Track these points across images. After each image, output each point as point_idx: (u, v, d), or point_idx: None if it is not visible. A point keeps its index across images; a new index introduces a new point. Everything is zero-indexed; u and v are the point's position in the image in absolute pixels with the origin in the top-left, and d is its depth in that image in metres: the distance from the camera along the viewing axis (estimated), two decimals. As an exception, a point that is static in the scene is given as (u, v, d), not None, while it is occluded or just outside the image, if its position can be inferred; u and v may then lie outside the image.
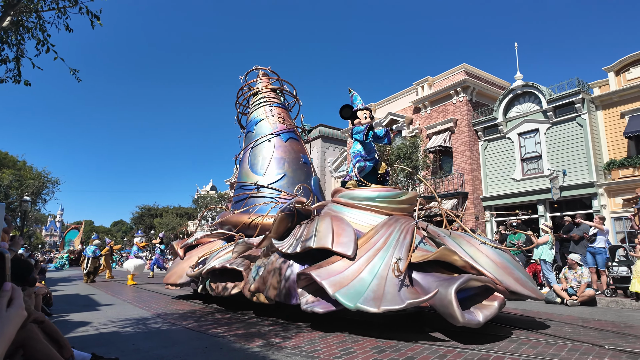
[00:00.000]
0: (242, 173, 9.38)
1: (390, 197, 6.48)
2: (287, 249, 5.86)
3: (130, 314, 7.26)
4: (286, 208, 6.36)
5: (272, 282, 5.85)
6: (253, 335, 5.16)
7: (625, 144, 18.75)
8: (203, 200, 39.30)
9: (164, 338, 5.17)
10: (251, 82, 11.24)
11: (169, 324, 6.12)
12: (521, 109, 21.73)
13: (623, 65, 19.09)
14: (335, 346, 4.49)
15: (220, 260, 7.27)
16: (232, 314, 7.10)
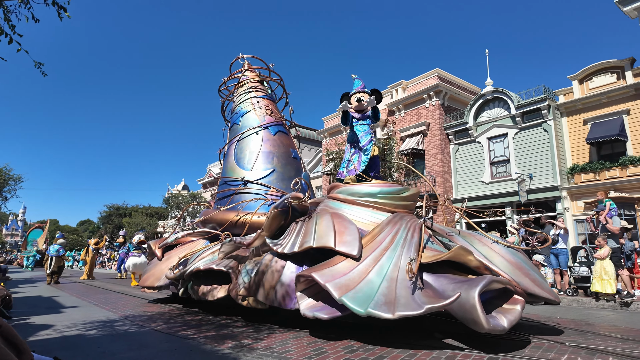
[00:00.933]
0: (227, 168, 8.71)
1: (392, 193, 6.07)
2: (283, 249, 5.38)
3: (97, 316, 6.97)
4: (280, 204, 5.84)
5: (265, 284, 5.33)
6: (224, 336, 5.04)
7: (587, 149, 19.24)
8: (174, 199, 38.42)
9: (131, 341, 4.99)
10: (236, 73, 10.44)
11: (137, 326, 5.93)
12: (491, 114, 22.15)
13: (586, 74, 19.64)
14: (307, 346, 4.45)
15: (205, 261, 6.69)
16: (203, 316, 6.88)
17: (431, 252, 4.89)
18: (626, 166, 17.93)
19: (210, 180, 44.53)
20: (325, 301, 4.77)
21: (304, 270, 5.03)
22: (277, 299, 5.26)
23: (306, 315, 4.72)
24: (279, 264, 5.45)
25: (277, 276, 5.34)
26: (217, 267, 6.23)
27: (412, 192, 6.19)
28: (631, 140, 18.27)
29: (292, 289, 5.19)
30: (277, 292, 5.26)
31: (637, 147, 18.11)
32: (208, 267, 6.40)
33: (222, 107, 10.47)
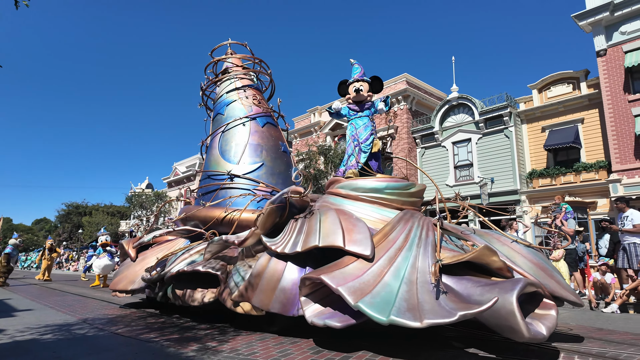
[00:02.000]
0: (211, 161, 7.98)
1: (400, 188, 5.62)
2: (283, 248, 4.80)
3: (52, 319, 6.53)
4: (278, 199, 5.22)
5: (263, 288, 4.72)
6: (188, 339, 4.84)
7: (545, 155, 19.96)
8: (138, 198, 37.22)
9: (89, 345, 4.72)
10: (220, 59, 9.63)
11: (95, 330, 5.62)
12: (456, 120, 22.57)
13: (545, 84, 20.25)
14: (273, 348, 4.36)
15: (189, 262, 6.02)
16: (167, 318, 6.56)
17: (450, 253, 4.49)
18: (580, 172, 18.67)
19: (177, 178, 43.45)
20: (335, 307, 4.25)
21: (310, 272, 4.43)
22: (277, 305, 4.66)
23: (314, 323, 4.13)
24: (278, 265, 4.83)
25: (276, 279, 4.72)
26: (205, 269, 5.52)
27: (419, 188, 5.81)
28: (585, 148, 19.03)
29: (294, 293, 4.61)
30: (277, 297, 4.66)
31: (590, 154, 18.80)
32: (193, 268, 5.66)
33: (202, 95, 9.59)
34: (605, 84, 17.93)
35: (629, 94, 17.36)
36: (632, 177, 16.91)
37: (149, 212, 35.18)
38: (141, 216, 35.16)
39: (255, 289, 4.78)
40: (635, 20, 17.36)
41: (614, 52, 17.84)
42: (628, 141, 17.22)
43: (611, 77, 17.81)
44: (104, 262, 14.56)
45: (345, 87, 6.78)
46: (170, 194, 41.56)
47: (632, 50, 17.24)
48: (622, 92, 17.49)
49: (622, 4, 17.43)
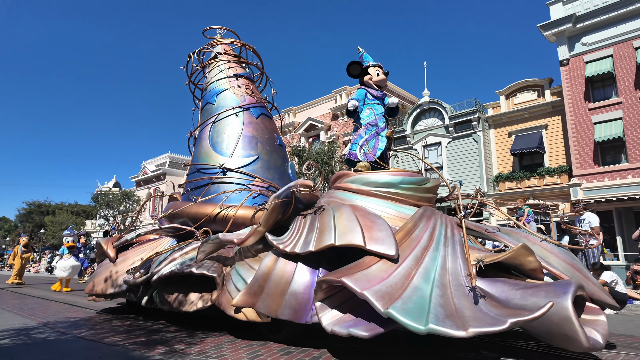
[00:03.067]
0: (201, 153, 7.30)
1: (416, 183, 5.19)
2: (293, 247, 4.25)
3: (10, 323, 6.15)
4: (283, 194, 4.67)
5: (269, 292, 4.16)
6: (155, 342, 4.66)
7: (511, 160, 20.47)
8: (104, 197, 36.05)
9: (50, 349, 4.49)
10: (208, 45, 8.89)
11: (57, 334, 5.34)
12: (427, 123, 22.80)
13: (512, 90, 20.72)
14: (242, 350, 4.25)
15: (179, 263, 5.39)
16: (133, 321, 6.31)
17: (479, 252, 4.06)
18: (543, 176, 19.22)
19: (146, 177, 42.26)
20: (356, 313, 3.76)
21: (327, 275, 3.87)
22: (287, 311, 4.08)
23: (336, 332, 3.60)
24: (287, 266, 4.26)
25: (285, 282, 4.16)
26: (199, 271, 4.87)
27: (434, 184, 5.39)
28: (548, 153, 19.56)
29: (307, 297, 4.06)
30: (287, 302, 4.09)
31: (553, 159, 19.37)
32: (186, 271, 4.99)
33: (189, 83, 8.87)
34: (568, 92, 18.67)
35: (589, 102, 18.14)
36: (591, 182, 17.69)
37: (115, 211, 34.18)
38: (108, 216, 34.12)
39: (260, 293, 4.20)
40: (596, 32, 18.15)
41: (576, 62, 18.64)
42: (588, 147, 18.00)
43: (573, 85, 18.59)
44: (70, 263, 13.53)
45: (358, 68, 6.17)
46: (139, 193, 40.52)
47: (592, 61, 17.97)
48: (582, 101, 18.27)
49: (584, 17, 18.18)
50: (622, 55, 17.43)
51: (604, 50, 17.87)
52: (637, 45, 17.02)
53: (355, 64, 6.16)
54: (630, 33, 17.27)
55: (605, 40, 17.88)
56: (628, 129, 17.04)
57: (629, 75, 17.27)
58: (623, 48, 17.43)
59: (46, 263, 31.00)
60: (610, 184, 17.12)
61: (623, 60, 17.39)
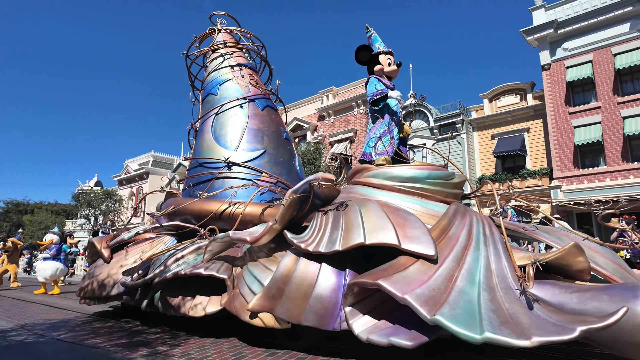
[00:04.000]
0: (203, 147, 6.79)
1: (443, 178, 4.80)
2: (316, 247, 3.81)
3: None
4: (301, 188, 4.21)
5: (290, 296, 3.74)
6: (137, 344, 4.54)
7: (494, 162, 20.71)
8: (85, 196, 35.33)
9: (28, 352, 4.35)
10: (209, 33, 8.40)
11: (35, 336, 5.15)
12: (412, 125, 23.86)
13: (495, 94, 20.92)
14: (226, 351, 4.17)
15: (183, 264, 4.87)
16: (114, 322, 6.10)
17: (522, 252, 3.77)
18: (525, 178, 19.33)
19: (128, 176, 41.48)
20: (391, 319, 3.37)
21: (360, 277, 3.43)
22: (311, 317, 3.65)
23: (373, 340, 3.19)
24: (309, 267, 3.83)
25: (308, 284, 3.73)
26: (207, 272, 4.41)
27: (461, 179, 5.05)
28: (530, 155, 19.79)
29: (333, 302, 3.64)
30: (311, 307, 3.67)
31: (534, 162, 19.59)
32: (193, 272, 4.49)
33: (189, 72, 8.30)
34: (549, 96, 18.99)
35: (570, 106, 18.49)
36: (571, 184, 18.05)
37: (97, 210, 33.51)
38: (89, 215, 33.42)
39: (279, 297, 3.78)
40: (576, 38, 18.49)
41: (557, 67, 18.99)
42: (568, 150, 18.35)
43: (554, 90, 18.94)
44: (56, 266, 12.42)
45: (367, 54, 5.62)
46: (121, 192, 39.79)
47: (573, 66, 18.27)
48: (563, 105, 18.63)
49: (565, 23, 18.50)
50: (601, 61, 17.83)
51: (584, 55, 18.24)
52: (615, 52, 17.42)
53: (364, 50, 5.59)
54: (609, 40, 17.70)
55: (585, 46, 18.24)
56: (606, 133, 17.45)
57: (607, 81, 17.68)
58: (602, 54, 17.83)
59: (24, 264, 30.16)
60: (589, 187, 17.49)
61: (602, 66, 17.79)
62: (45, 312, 7.48)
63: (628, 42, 17.24)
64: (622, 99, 17.28)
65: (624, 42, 17.33)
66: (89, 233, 32.40)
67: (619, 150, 17.22)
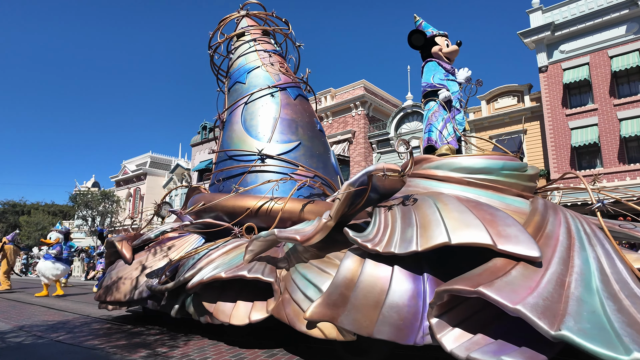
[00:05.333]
0: (233, 138, 6.19)
1: (518, 169, 4.24)
2: (387, 247, 3.20)
3: None
4: (359, 180, 3.65)
5: (356, 304, 3.14)
6: (136, 345, 4.46)
7: None
8: (83, 197, 35.16)
9: (26, 353, 4.28)
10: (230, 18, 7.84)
11: (34, 337, 5.06)
12: (410, 126, 22.73)
13: (493, 96, 20.85)
14: (225, 352, 4.11)
15: (220, 266, 4.26)
16: (112, 324, 5.98)
17: (634, 254, 3.34)
18: None
19: (126, 177, 41.24)
20: (489, 332, 2.78)
21: (450, 283, 2.81)
22: (386, 329, 3.04)
23: (474, 359, 2.61)
24: (378, 271, 3.23)
25: (379, 291, 3.14)
26: (252, 275, 3.85)
27: (535, 171, 4.51)
28: (527, 157, 19.55)
29: (412, 311, 3.05)
30: (385, 317, 3.06)
31: (532, 163, 19.21)
32: (236, 274, 3.89)
33: (211, 60, 7.64)
34: (546, 98, 18.99)
35: (567, 108, 18.48)
36: (568, 186, 18.16)
37: (94, 211, 33.33)
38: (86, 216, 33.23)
39: (342, 305, 3.20)
40: (573, 40, 18.49)
41: (554, 69, 19.02)
42: (565, 152, 18.33)
43: (551, 92, 18.94)
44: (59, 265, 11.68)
45: (421, 38, 5.22)
46: (119, 193, 39.60)
47: (570, 68, 18.24)
48: (560, 107, 18.64)
49: (562, 25, 18.51)
50: (597, 64, 17.85)
51: (581, 58, 18.25)
52: (612, 54, 17.43)
53: (418, 34, 5.18)
54: (605, 42, 17.73)
55: (582, 48, 18.25)
56: (603, 134, 17.47)
57: (604, 83, 17.70)
58: (599, 56, 17.85)
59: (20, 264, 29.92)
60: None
61: (599, 68, 17.81)
62: (43, 314, 7.31)
63: (624, 45, 17.26)
64: (619, 101, 17.32)
65: (620, 45, 17.35)
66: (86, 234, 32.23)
67: (615, 152, 17.23)
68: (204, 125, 34.62)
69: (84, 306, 8.62)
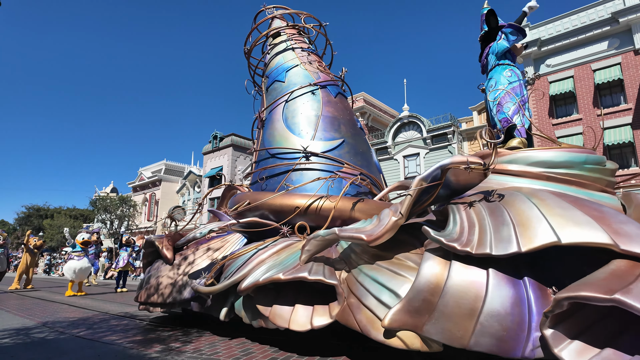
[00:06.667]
0: (275, 136, 5.79)
1: (600, 163, 3.80)
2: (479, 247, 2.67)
3: (9, 323, 5.85)
4: (432, 174, 3.16)
5: (446, 312, 2.61)
6: (151, 341, 4.43)
7: None
8: (102, 202, 35.51)
9: (49, 348, 4.27)
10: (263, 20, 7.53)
11: (56, 333, 5.04)
12: (406, 136, 22.82)
13: (484, 107, 22.14)
14: (235, 347, 4.03)
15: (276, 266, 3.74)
16: (129, 320, 5.94)
17: None
18: None
19: (142, 183, 41.42)
20: (618, 346, 2.27)
21: (575, 289, 2.25)
22: (486, 340, 2.49)
23: None
24: (470, 274, 2.68)
25: (473, 297, 2.59)
26: (314, 277, 3.25)
27: (614, 166, 3.99)
28: None
29: (517, 321, 2.51)
30: (485, 328, 2.52)
31: None
32: (297, 276, 3.31)
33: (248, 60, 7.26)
34: (534, 109, 19.02)
35: (553, 118, 18.55)
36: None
37: (112, 215, 33.73)
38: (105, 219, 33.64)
39: (427, 312, 2.66)
40: (558, 55, 18.50)
41: (541, 82, 19.06)
42: (551, 159, 18.56)
43: (538, 103, 19.13)
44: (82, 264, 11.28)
45: (494, 19, 4.84)
46: (135, 198, 39.97)
47: (555, 81, 18.23)
48: (547, 117, 18.70)
49: (548, 41, 18.55)
50: (581, 76, 17.93)
51: (566, 71, 18.33)
52: (594, 68, 17.45)
53: (494, 17, 4.77)
54: (588, 57, 17.81)
55: (567, 62, 18.31)
56: (587, 143, 17.57)
57: (587, 94, 17.76)
58: (582, 70, 17.93)
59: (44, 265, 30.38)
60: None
61: (583, 81, 17.89)
62: (64, 311, 7.39)
63: (606, 59, 17.32)
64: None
65: (603, 59, 17.42)
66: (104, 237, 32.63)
67: (599, 159, 17.32)
68: (214, 135, 34.86)
69: (103, 304, 8.74)
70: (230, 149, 32.33)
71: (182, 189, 38.28)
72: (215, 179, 33.18)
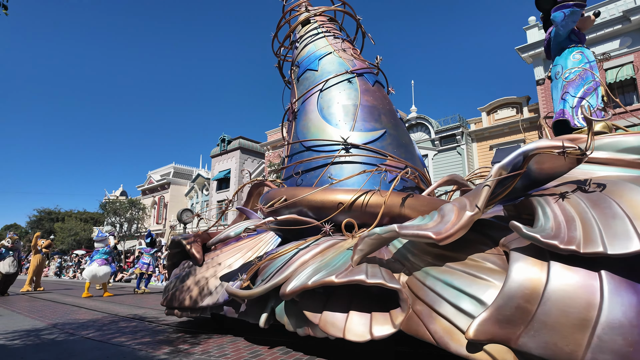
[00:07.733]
0: (309, 128, 5.26)
1: None
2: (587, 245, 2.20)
3: (20, 325, 5.80)
4: (512, 162, 2.76)
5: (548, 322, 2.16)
6: (160, 342, 4.39)
7: None
8: (112, 205, 35.60)
9: (59, 350, 4.20)
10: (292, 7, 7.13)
11: (66, 335, 5.03)
12: (415, 137, 22.23)
13: (493, 107, 20.60)
14: (243, 349, 3.96)
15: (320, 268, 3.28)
16: (138, 322, 5.90)
17: None
18: None
19: (151, 186, 41.54)
20: None
21: None
22: (605, 357, 2.03)
23: None
24: (576, 278, 2.21)
25: (583, 305, 2.12)
26: (373, 281, 2.77)
27: None
28: None
29: None
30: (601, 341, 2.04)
31: None
32: (353, 279, 2.83)
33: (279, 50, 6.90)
34: (543, 109, 18.72)
35: (564, 118, 18.41)
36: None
37: (122, 218, 33.74)
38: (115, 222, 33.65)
39: (523, 322, 2.20)
40: (568, 55, 18.52)
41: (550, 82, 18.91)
42: (562, 159, 18.11)
43: (548, 103, 18.63)
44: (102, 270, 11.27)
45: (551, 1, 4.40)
46: (144, 202, 40.02)
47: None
48: (557, 117, 18.51)
49: (558, 42, 18.57)
50: (592, 76, 17.66)
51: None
52: (605, 67, 16.87)
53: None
54: (599, 56, 17.57)
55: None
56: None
57: (599, 94, 17.49)
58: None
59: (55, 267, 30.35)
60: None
61: (594, 81, 17.62)
62: (74, 313, 7.32)
63: (618, 58, 16.97)
64: (613, 112, 17.02)
65: (614, 58, 17.09)
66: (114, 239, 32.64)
67: (611, 159, 16.88)
68: (222, 138, 34.86)
69: (112, 305, 8.66)
70: (238, 151, 32.28)
71: (191, 191, 38.25)
72: (224, 181, 33.07)
